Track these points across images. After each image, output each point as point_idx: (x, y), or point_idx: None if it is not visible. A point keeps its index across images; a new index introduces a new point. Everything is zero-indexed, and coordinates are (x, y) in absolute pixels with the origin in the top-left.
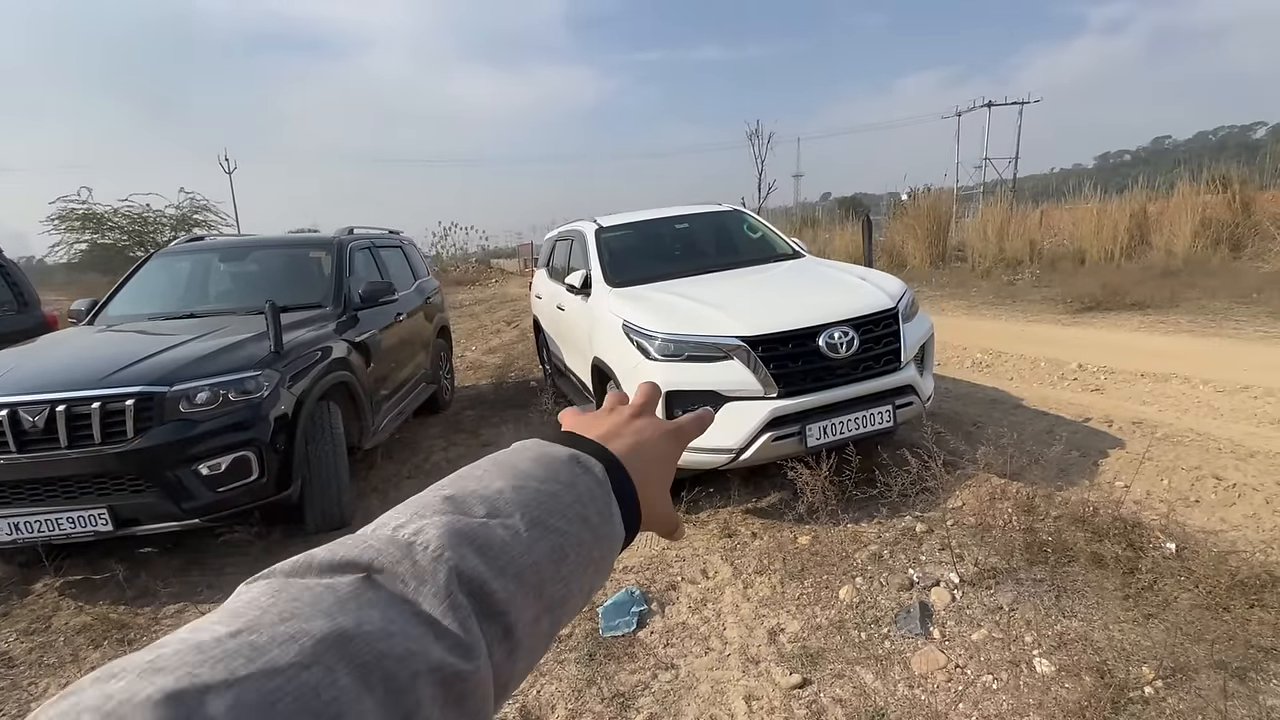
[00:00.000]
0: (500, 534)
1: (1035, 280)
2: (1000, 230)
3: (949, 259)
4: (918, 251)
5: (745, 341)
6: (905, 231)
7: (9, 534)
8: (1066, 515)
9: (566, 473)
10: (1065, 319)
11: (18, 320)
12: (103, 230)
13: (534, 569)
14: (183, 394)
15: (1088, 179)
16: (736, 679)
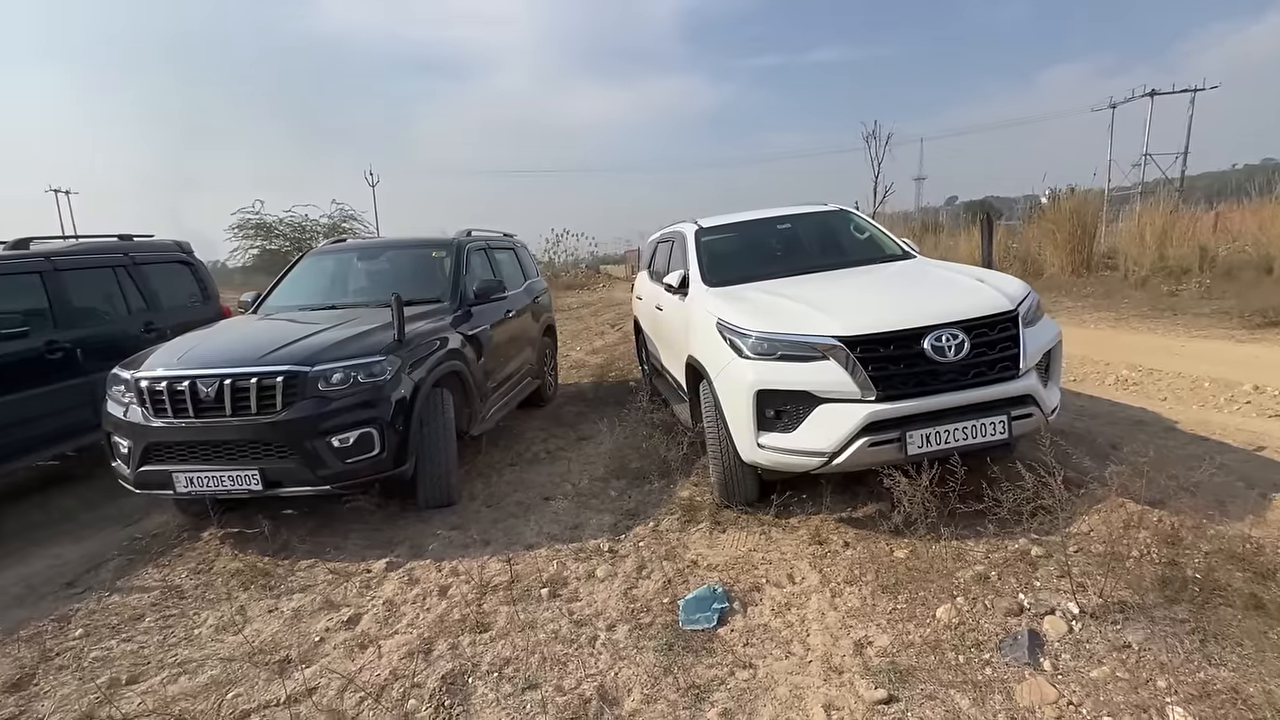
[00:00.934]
0: None
1: (1204, 291)
2: (1161, 234)
3: (1096, 267)
4: (1057, 258)
5: (842, 341)
6: (1043, 236)
7: (186, 486)
8: (1222, 551)
9: None
10: (1240, 335)
11: (202, 310)
12: (270, 237)
13: None
14: (321, 374)
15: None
16: (817, 686)
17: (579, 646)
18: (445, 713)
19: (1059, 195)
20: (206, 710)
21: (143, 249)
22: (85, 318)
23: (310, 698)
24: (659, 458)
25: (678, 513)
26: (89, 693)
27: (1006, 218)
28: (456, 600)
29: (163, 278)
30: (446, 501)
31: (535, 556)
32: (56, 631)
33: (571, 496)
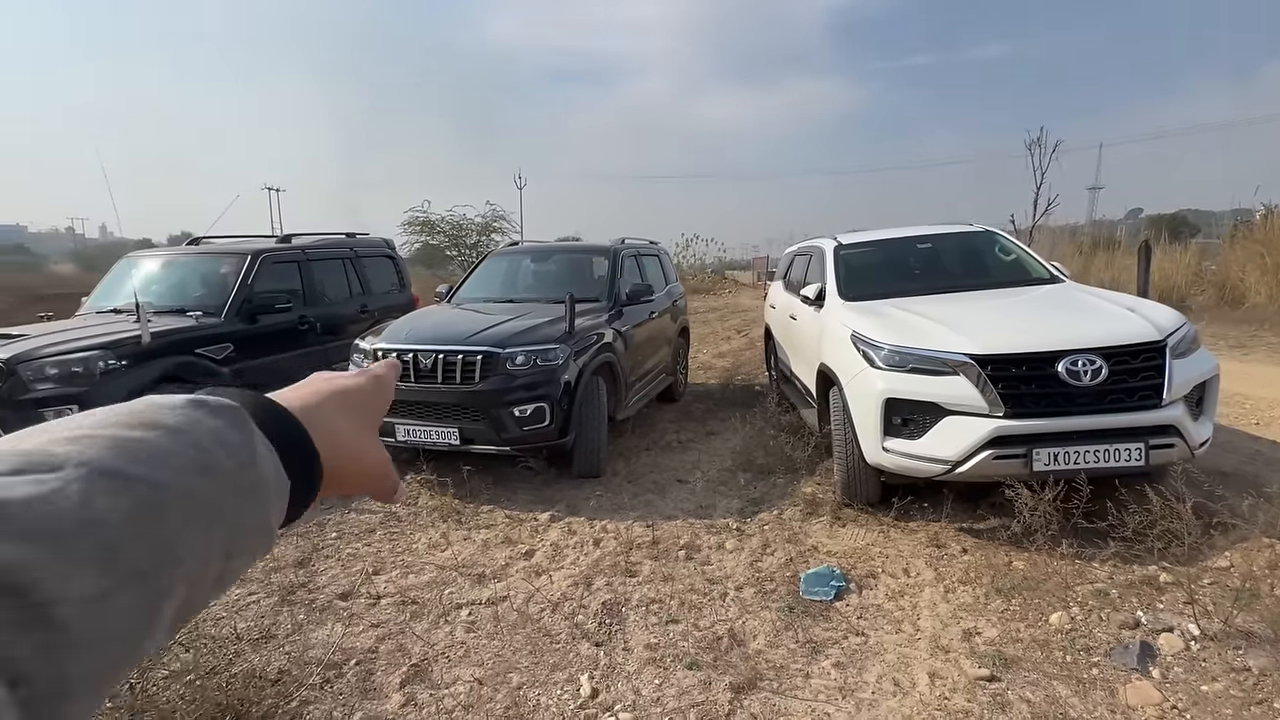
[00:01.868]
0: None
1: None
2: None
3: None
4: (1264, 286)
5: (974, 359)
6: (1248, 259)
7: (404, 436)
8: None
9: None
10: None
11: (399, 297)
12: (432, 233)
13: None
14: (509, 356)
15: None
16: (923, 658)
17: (712, 599)
18: (606, 629)
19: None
20: (431, 599)
21: (361, 244)
22: (323, 299)
23: (504, 602)
24: (784, 456)
25: (801, 505)
26: (350, 575)
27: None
28: (608, 550)
29: (374, 268)
30: (595, 473)
31: (672, 526)
32: (319, 532)
33: (702, 482)
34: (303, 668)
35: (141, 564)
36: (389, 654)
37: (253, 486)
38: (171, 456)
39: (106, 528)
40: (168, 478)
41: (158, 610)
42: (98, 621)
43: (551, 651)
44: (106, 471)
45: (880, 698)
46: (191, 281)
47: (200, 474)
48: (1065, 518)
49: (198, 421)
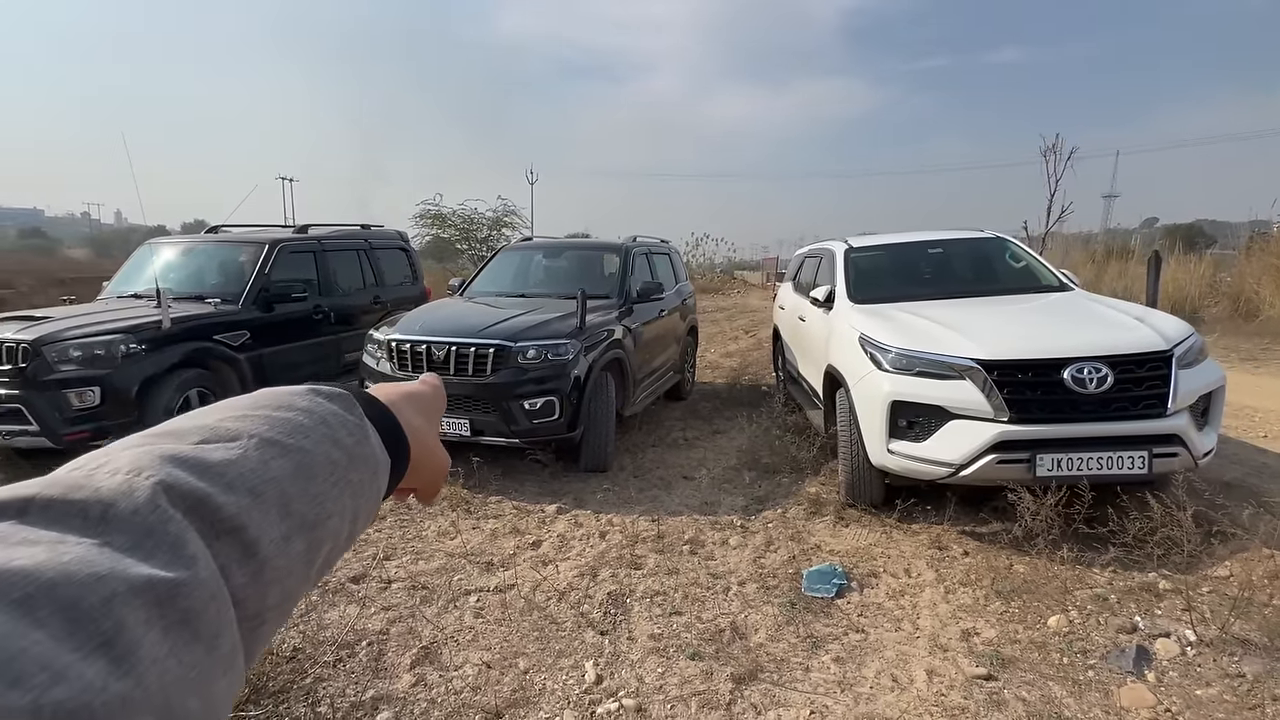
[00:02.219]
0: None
1: None
2: None
3: None
4: (1279, 299)
5: (980, 364)
6: (1263, 272)
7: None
8: None
9: (303, 400)
10: None
11: (411, 290)
12: (443, 227)
13: (272, 484)
14: (521, 350)
15: None
16: (922, 656)
17: (715, 592)
18: (611, 618)
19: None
20: (440, 585)
21: (375, 236)
22: (337, 289)
23: (511, 590)
24: (789, 456)
25: (805, 504)
26: (361, 560)
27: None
28: (614, 543)
29: (387, 260)
30: (602, 467)
31: (677, 521)
32: None
33: (707, 479)
34: (317, 646)
35: (307, 515)
36: (400, 636)
37: (366, 458)
38: (310, 430)
39: (280, 483)
40: (312, 446)
41: (315, 557)
42: (285, 559)
43: (558, 638)
44: (270, 441)
45: (878, 692)
46: (210, 269)
47: (332, 445)
48: (1066, 523)
49: (320, 404)
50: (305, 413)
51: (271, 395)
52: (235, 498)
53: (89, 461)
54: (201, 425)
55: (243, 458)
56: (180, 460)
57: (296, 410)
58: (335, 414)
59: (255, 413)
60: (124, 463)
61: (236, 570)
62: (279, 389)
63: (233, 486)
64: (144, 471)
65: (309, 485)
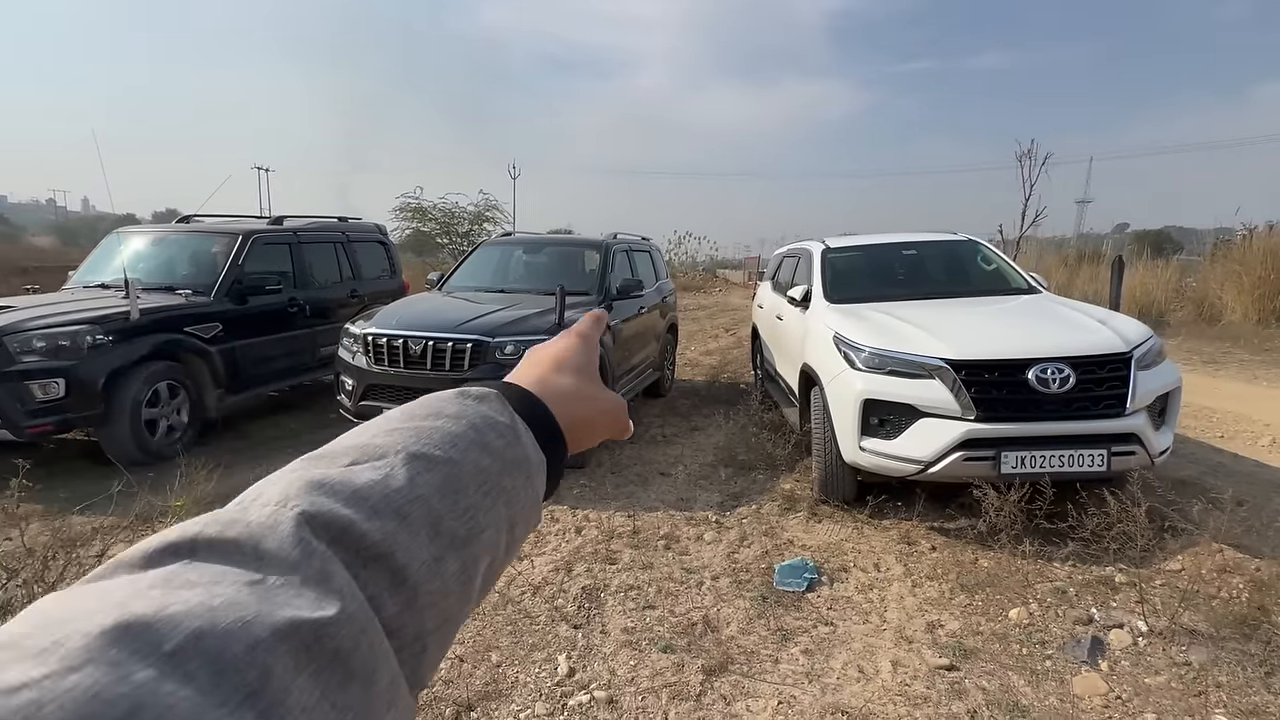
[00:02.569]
0: (367, 475)
1: None
2: None
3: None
4: (1240, 304)
5: (949, 364)
6: (1227, 278)
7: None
8: None
9: (452, 406)
10: None
11: (389, 283)
12: (424, 220)
13: (419, 503)
14: (498, 345)
15: None
16: (888, 648)
17: (688, 587)
18: (585, 612)
19: (1253, 231)
20: None
21: (353, 229)
22: (313, 282)
23: None
24: (765, 453)
25: (779, 501)
26: None
27: (1187, 252)
28: (589, 539)
29: (365, 253)
30: (580, 464)
31: (653, 517)
32: None
33: (684, 475)
34: None
35: (458, 531)
36: None
37: (519, 461)
38: (458, 438)
39: (428, 501)
40: (459, 455)
41: (473, 574)
42: (438, 581)
43: (531, 632)
44: (416, 455)
45: (844, 683)
46: (181, 259)
47: (481, 452)
48: (1029, 518)
49: (468, 407)
50: (454, 419)
51: (425, 403)
52: (380, 523)
53: (250, 493)
54: (355, 444)
55: (389, 477)
56: (326, 486)
57: (445, 417)
58: (484, 417)
59: (406, 425)
60: (275, 493)
61: (388, 599)
62: (435, 395)
63: (378, 511)
64: (290, 501)
65: (459, 499)
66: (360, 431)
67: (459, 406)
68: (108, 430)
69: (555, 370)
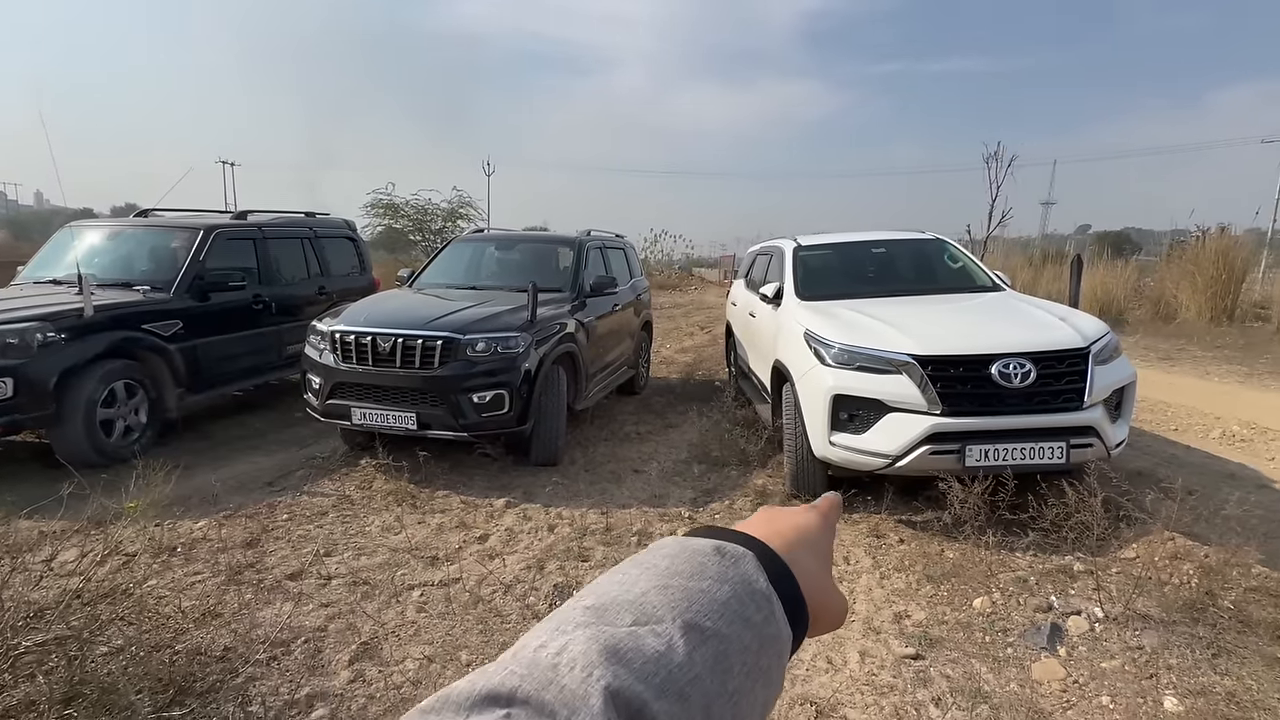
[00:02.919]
0: (652, 644)
1: None
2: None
3: (1241, 317)
4: (1194, 303)
5: (915, 359)
6: (1181, 277)
7: (360, 419)
8: (1262, 589)
9: (714, 565)
10: None
11: (359, 280)
12: (396, 217)
13: (696, 684)
14: (470, 342)
15: None
16: (856, 639)
17: None
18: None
19: (1205, 233)
20: (383, 580)
21: (321, 224)
22: (279, 278)
23: (456, 583)
24: (738, 449)
25: (751, 496)
26: (300, 556)
27: (1145, 252)
28: (562, 536)
29: (333, 250)
30: (553, 461)
31: (626, 514)
32: (269, 514)
33: (657, 472)
34: (249, 645)
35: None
36: (339, 632)
37: (774, 639)
38: (724, 607)
39: (703, 682)
40: (727, 629)
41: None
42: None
43: (502, 631)
44: (692, 626)
45: (813, 674)
46: (139, 255)
47: (744, 626)
48: (992, 510)
49: (729, 569)
50: (717, 582)
51: (684, 556)
52: (666, 704)
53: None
54: (629, 598)
55: (671, 649)
56: (620, 655)
57: (709, 579)
58: (743, 582)
59: (673, 581)
60: (578, 654)
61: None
62: (687, 542)
63: (664, 690)
64: (594, 672)
65: (727, 680)
66: (626, 579)
67: (720, 567)
68: (59, 431)
69: (799, 541)
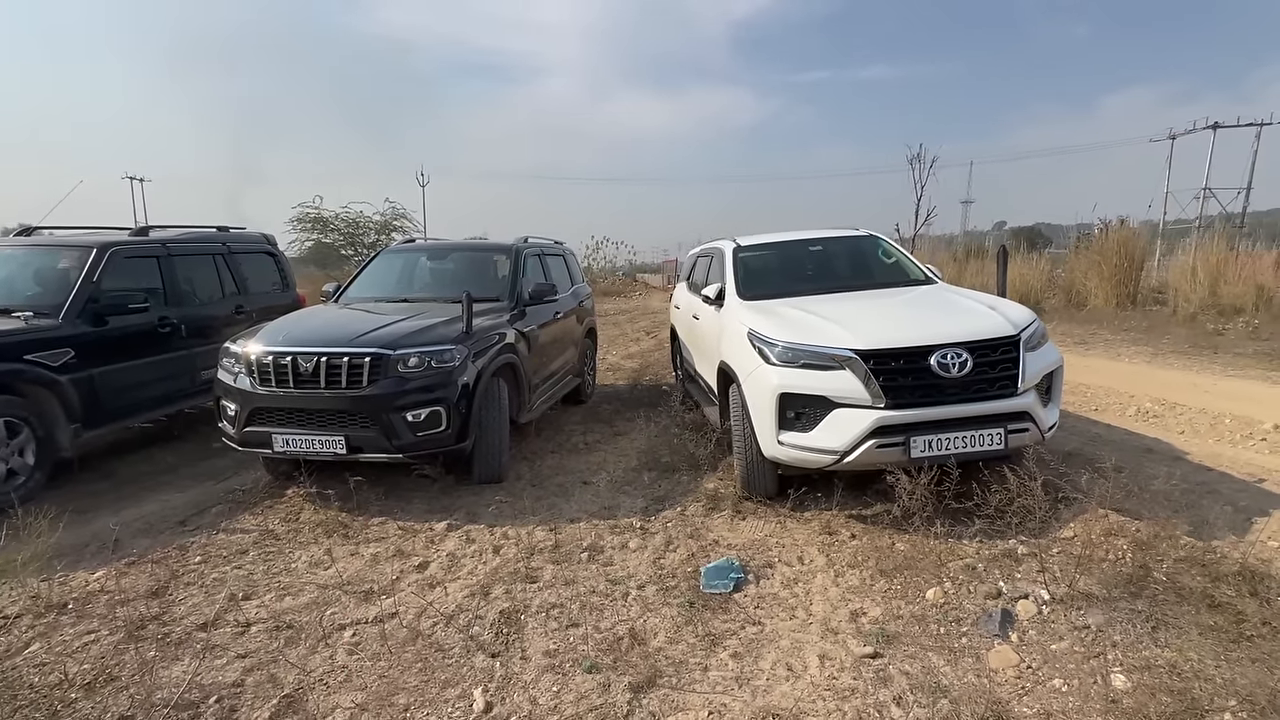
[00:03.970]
0: None
1: (1251, 332)
2: (1215, 271)
3: (1143, 301)
4: (1102, 290)
5: (858, 354)
6: (1089, 267)
7: (282, 446)
8: (1190, 560)
9: None
10: (1277, 376)
11: (281, 297)
12: (326, 231)
13: None
14: (401, 357)
15: None
16: (815, 642)
17: (613, 599)
18: (503, 638)
19: (1107, 226)
20: (310, 622)
21: (236, 239)
22: (189, 298)
23: (393, 619)
24: (688, 454)
25: (703, 501)
26: (214, 602)
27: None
28: (508, 558)
29: (251, 266)
30: (497, 478)
31: (575, 528)
32: (179, 557)
33: (607, 482)
34: (149, 711)
35: None
36: (257, 686)
37: None
38: None
39: None
40: None
41: None
42: None
43: (443, 667)
44: None
45: (774, 683)
46: (21, 278)
47: None
48: (939, 500)
49: None
50: None
51: None
52: None
53: None
54: None
55: None
56: None
57: None
58: None
59: None
60: None
61: None
62: None
63: None
64: None
65: None
66: None
67: None
68: None
69: None
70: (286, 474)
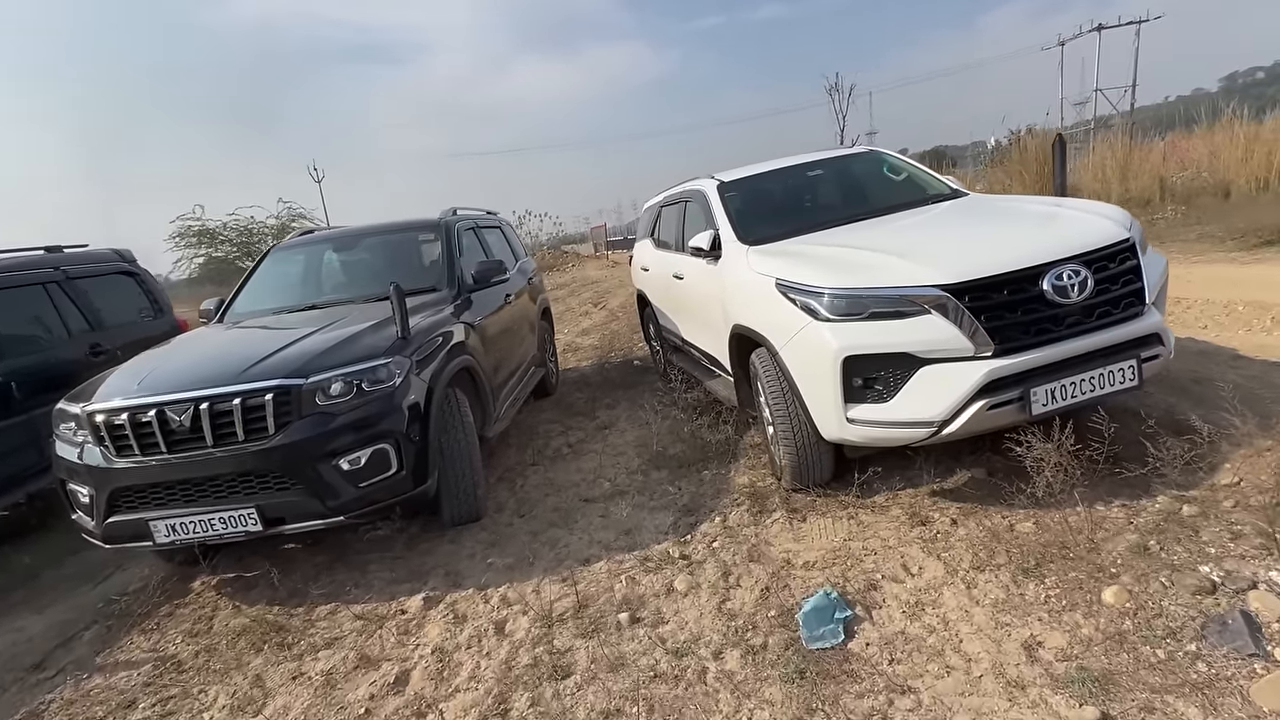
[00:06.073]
0: None
1: (1180, 218)
2: (1123, 167)
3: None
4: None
5: (948, 291)
6: (1009, 178)
7: (167, 536)
8: None
9: None
10: (1241, 257)
11: (154, 325)
12: (215, 244)
13: None
14: (318, 386)
15: (1216, 103)
16: (1004, 710)
17: (687, 685)
18: None
19: (1020, 136)
20: None
21: (76, 261)
22: (16, 345)
23: None
24: (700, 442)
25: (744, 503)
26: None
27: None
28: (520, 638)
29: (104, 292)
30: (475, 516)
31: (596, 573)
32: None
33: (613, 495)
34: None
35: None
36: None
37: None
38: None
39: None
40: None
41: None
42: None
43: None
44: None
45: None
46: None
47: None
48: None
49: None
50: None
51: None
52: None
53: None
54: None
55: None
56: None
57: None
58: None
59: None
60: None
61: None
62: None
63: None
64: None
65: None
66: None
67: None
68: None
69: None
70: (189, 559)
